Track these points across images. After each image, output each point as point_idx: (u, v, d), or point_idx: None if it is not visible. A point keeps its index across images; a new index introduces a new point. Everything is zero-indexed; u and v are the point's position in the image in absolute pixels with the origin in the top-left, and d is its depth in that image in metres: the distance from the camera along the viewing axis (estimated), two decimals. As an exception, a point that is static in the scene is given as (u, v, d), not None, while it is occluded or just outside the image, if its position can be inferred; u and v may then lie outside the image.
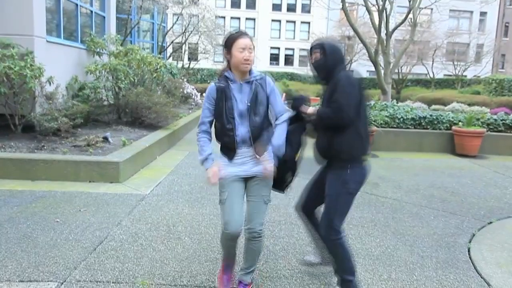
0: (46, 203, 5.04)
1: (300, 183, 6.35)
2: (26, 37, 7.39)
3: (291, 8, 49.41)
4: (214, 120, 3.02)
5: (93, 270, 3.41)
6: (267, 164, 2.97)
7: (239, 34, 2.91)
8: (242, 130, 2.92)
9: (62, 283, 3.18)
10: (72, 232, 4.18)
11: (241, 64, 2.87)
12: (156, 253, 3.79)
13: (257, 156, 2.96)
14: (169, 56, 22.85)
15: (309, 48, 3.23)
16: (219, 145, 3.05)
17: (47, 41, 7.98)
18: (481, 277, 3.59)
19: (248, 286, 3.13)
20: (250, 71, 2.97)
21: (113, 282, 3.23)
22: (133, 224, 4.48)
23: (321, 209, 3.28)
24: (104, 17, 11.24)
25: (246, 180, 3.03)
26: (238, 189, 2.98)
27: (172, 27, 22.67)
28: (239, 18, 48.45)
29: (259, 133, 2.96)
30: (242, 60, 2.85)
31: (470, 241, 4.41)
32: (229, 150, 2.99)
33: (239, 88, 2.95)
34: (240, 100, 2.93)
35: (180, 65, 24.03)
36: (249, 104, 2.92)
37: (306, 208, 3.45)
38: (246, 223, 2.99)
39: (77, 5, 9.53)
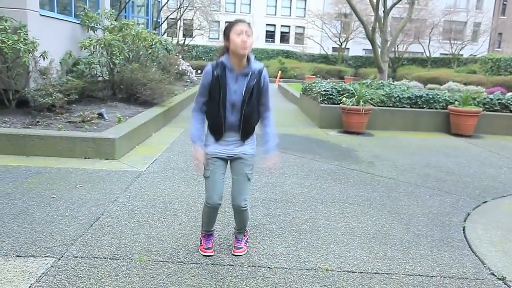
0: (42, 179, 5.02)
1: (295, 161, 6.35)
2: (19, 10, 7.23)
3: (287, -16, 48.73)
4: (209, 101, 3.13)
5: (90, 246, 3.41)
6: (273, 158, 3.23)
7: (236, 20, 2.99)
8: (232, 118, 3.07)
9: (59, 259, 3.18)
10: (69, 208, 4.17)
11: (239, 48, 2.90)
12: (152, 230, 3.79)
13: (243, 141, 3.18)
14: (164, 32, 22.53)
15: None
16: (207, 123, 3.20)
17: (41, 14, 7.82)
18: (476, 256, 3.63)
19: (242, 240, 3.50)
20: (249, 62, 3.03)
21: (110, 259, 3.23)
22: (129, 201, 4.47)
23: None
24: (98, -9, 11.02)
25: (230, 158, 3.23)
26: (221, 167, 3.20)
27: (167, 2, 22.30)
28: (235, -6, 47.78)
29: (248, 123, 3.12)
30: (240, 43, 2.88)
31: (465, 220, 4.44)
32: (216, 132, 3.15)
33: (235, 79, 3.02)
34: (235, 91, 3.02)
35: (175, 41, 23.74)
36: (244, 97, 3.02)
37: None
38: (232, 200, 3.28)
39: (70, -22, 9.33)
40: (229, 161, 3.26)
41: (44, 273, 2.98)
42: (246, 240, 3.55)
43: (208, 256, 3.37)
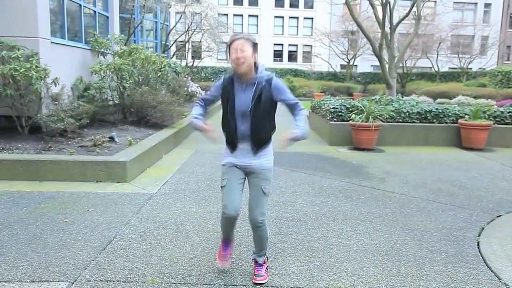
0: (55, 203, 5.07)
1: (306, 179, 6.33)
2: (31, 38, 7.41)
3: (294, 4, 49.25)
4: (222, 113, 3.26)
5: (103, 270, 3.42)
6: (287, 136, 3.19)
7: (231, 38, 3.15)
8: (242, 128, 3.15)
9: (73, 283, 3.20)
10: (81, 232, 4.20)
11: (233, 63, 3.06)
12: (165, 252, 3.80)
13: (255, 151, 3.19)
14: (173, 55, 22.83)
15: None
16: (225, 135, 3.28)
17: (52, 42, 8.00)
18: (491, 271, 3.58)
19: (263, 264, 3.38)
20: (257, 71, 3.13)
21: (123, 282, 3.24)
22: (141, 223, 4.49)
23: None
24: (107, 17, 11.26)
25: (246, 173, 3.27)
26: (237, 176, 3.25)
27: (175, 25, 22.69)
28: (241, 15, 48.38)
29: (257, 132, 3.15)
30: (234, 60, 3.04)
31: (479, 235, 4.39)
32: (230, 142, 3.24)
33: (243, 89, 3.14)
34: (244, 101, 3.12)
35: (183, 63, 24.03)
36: (252, 106, 3.09)
37: None
38: (249, 213, 3.27)
39: (80, 5, 9.54)
40: (246, 176, 3.29)
41: (58, 297, 2.99)
42: (266, 268, 3.40)
43: (222, 268, 3.47)
